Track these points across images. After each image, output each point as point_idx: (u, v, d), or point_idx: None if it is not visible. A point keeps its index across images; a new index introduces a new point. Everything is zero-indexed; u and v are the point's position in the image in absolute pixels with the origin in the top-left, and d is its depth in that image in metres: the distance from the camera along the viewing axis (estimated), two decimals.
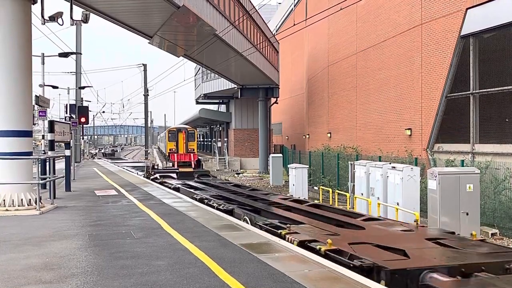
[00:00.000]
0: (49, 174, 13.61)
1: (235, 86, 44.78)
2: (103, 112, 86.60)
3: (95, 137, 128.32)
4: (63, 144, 20.80)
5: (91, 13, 16.59)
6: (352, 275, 5.69)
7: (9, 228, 9.01)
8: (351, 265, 6.39)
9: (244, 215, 11.71)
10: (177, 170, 26.19)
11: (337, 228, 9.70)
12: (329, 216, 11.60)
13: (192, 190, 18.58)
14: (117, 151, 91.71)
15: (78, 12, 14.01)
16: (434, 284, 5.99)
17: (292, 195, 19.11)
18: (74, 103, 35.70)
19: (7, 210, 10.89)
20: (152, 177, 23.71)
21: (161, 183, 20.26)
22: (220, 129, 59.59)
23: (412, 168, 14.33)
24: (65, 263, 6.27)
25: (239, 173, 42.92)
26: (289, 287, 5.20)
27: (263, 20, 40.43)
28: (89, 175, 24.08)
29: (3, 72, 11.23)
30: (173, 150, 48.32)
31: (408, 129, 21.49)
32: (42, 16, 12.46)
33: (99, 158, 55.01)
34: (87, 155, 54.94)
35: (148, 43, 24.52)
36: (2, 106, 11.23)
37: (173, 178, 24.84)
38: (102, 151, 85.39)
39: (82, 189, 16.59)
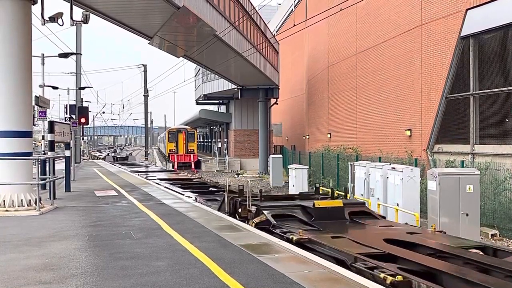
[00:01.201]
0: (49, 175, 13.60)
1: (235, 86, 44.77)
2: (103, 112, 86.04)
3: (95, 137, 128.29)
4: (63, 145, 20.79)
5: (91, 14, 16.60)
6: (352, 276, 5.69)
7: (9, 228, 9.00)
8: None
9: None
10: (310, 205, 10.50)
11: None
12: None
13: None
14: (131, 154, 72.17)
15: (78, 13, 14.03)
16: None
17: None
18: (74, 103, 35.69)
19: (7, 210, 10.88)
20: (256, 221, 10.09)
21: (301, 245, 7.95)
22: (220, 129, 59.62)
23: (412, 169, 14.32)
24: (65, 264, 6.27)
25: (239, 174, 42.92)
26: (288, 287, 5.19)
27: (263, 21, 40.43)
28: (89, 176, 24.07)
29: (3, 72, 11.23)
30: (173, 150, 48.39)
31: (408, 129, 21.49)
32: (42, 17, 12.46)
33: (112, 164, 40.98)
34: (87, 156, 54.88)
35: (148, 43, 24.52)
36: (2, 106, 11.22)
37: (302, 221, 10.19)
38: (112, 153, 70.34)
39: (82, 190, 16.58)
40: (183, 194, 16.07)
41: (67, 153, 17.07)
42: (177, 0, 18.60)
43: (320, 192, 13.52)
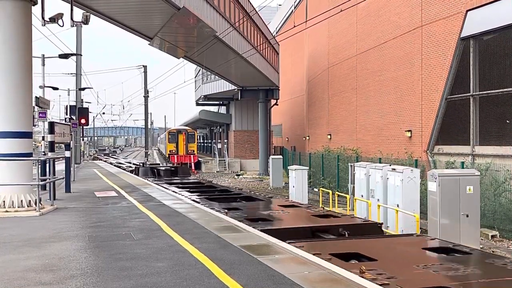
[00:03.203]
0: (49, 175, 13.59)
1: (235, 87, 44.82)
2: (103, 113, 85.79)
3: (95, 138, 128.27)
4: (63, 145, 20.78)
5: (91, 15, 16.61)
6: (352, 277, 5.68)
7: (9, 229, 9.00)
8: None
9: None
10: None
11: None
12: None
13: None
14: (181, 164, 40.11)
15: (78, 14, 14.03)
16: None
17: None
18: (74, 104, 35.69)
19: (6, 211, 10.88)
20: None
21: None
22: (220, 130, 59.67)
23: (412, 170, 14.32)
24: (64, 265, 6.26)
25: (239, 175, 42.92)
26: None
27: (263, 22, 40.47)
28: (89, 177, 24.07)
29: (3, 73, 11.23)
30: (173, 151, 48.44)
31: (408, 130, 21.49)
32: (43, 18, 12.46)
33: (157, 183, 20.34)
34: (87, 157, 54.87)
35: (149, 44, 24.54)
36: (2, 107, 11.22)
37: None
38: (147, 162, 37.46)
39: (82, 191, 16.58)
40: None
41: (67, 154, 17.06)
42: (177, 1, 18.62)
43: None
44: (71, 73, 42.06)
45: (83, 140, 47.06)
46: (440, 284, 5.87)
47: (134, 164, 37.65)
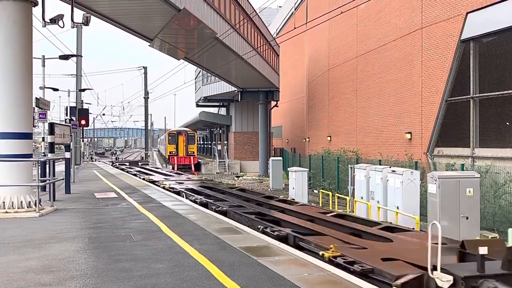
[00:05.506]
0: (49, 176, 13.59)
1: (236, 89, 44.82)
2: (103, 114, 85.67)
3: (95, 139, 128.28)
4: (63, 147, 20.78)
5: (91, 16, 16.61)
6: (352, 279, 5.68)
7: (9, 230, 9.00)
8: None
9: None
10: None
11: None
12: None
13: None
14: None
15: (79, 15, 14.04)
16: None
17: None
18: (75, 105, 35.66)
19: (6, 212, 10.88)
20: None
21: None
22: (220, 132, 59.66)
23: (412, 172, 14.32)
24: (64, 266, 6.26)
25: (239, 176, 42.92)
26: None
27: (264, 24, 40.49)
28: (89, 178, 24.07)
29: (3, 73, 11.24)
30: (173, 153, 48.48)
31: (408, 132, 21.49)
32: (43, 19, 12.48)
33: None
34: (87, 158, 54.84)
35: (149, 45, 24.54)
36: (2, 108, 11.23)
37: None
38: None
39: (82, 192, 16.58)
40: None
41: (67, 155, 17.06)
42: (178, 2, 18.64)
43: None
44: (71, 74, 42.07)
45: (83, 141, 47.04)
46: None
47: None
